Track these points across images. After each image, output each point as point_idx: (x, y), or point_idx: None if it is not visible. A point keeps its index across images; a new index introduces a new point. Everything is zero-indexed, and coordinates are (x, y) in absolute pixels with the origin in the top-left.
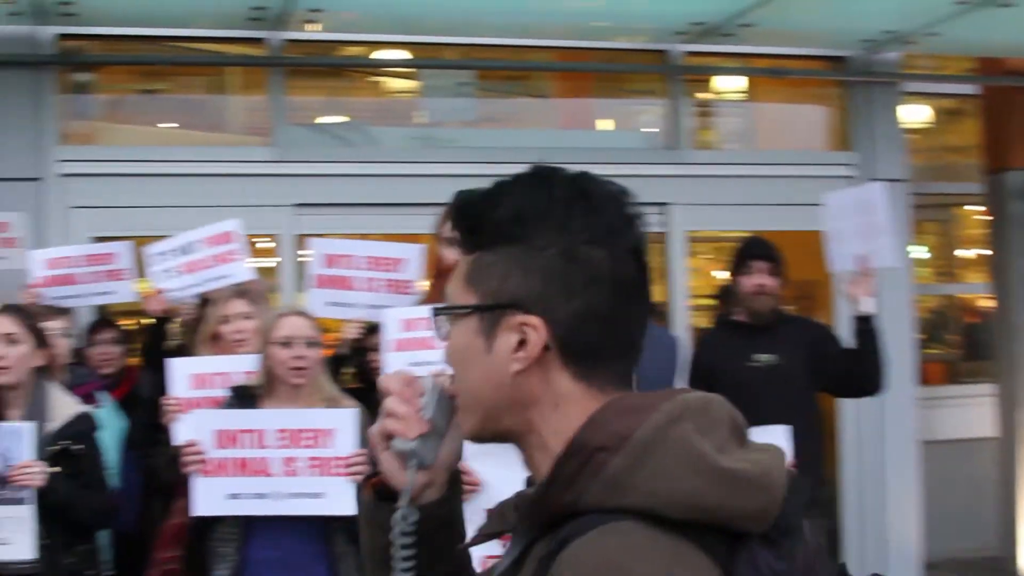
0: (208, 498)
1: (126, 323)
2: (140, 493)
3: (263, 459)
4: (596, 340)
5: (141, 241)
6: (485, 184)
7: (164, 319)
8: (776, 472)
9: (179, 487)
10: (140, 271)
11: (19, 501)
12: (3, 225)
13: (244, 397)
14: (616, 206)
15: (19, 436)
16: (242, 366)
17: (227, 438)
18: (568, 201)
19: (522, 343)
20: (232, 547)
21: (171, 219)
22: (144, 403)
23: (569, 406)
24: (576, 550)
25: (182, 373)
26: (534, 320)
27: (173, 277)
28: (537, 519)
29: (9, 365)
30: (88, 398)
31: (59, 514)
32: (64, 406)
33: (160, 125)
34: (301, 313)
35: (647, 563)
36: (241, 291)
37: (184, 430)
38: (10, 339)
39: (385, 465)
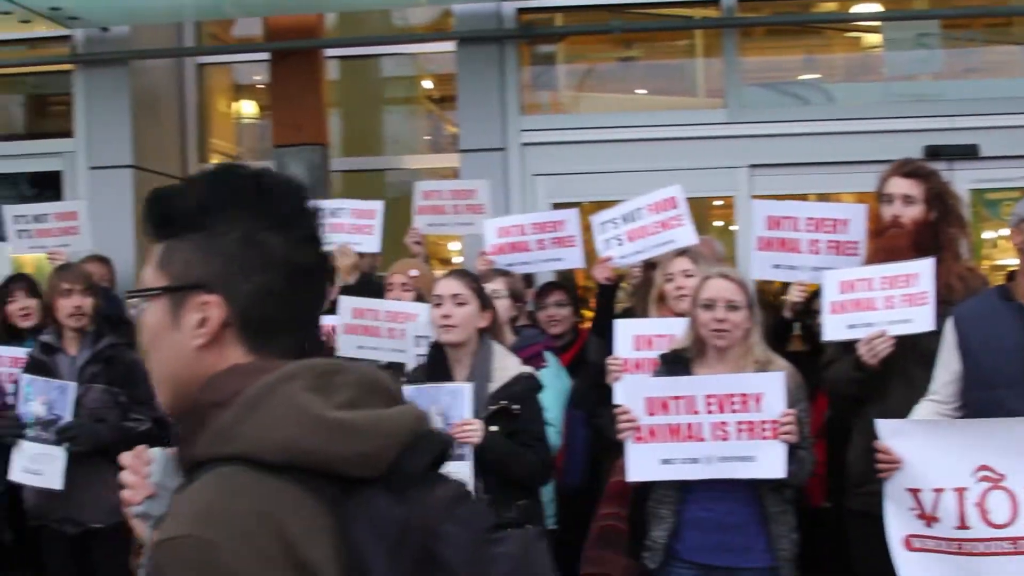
0: (641, 464)
1: (587, 285)
2: (587, 451)
3: (694, 424)
4: (270, 317)
5: (598, 206)
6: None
7: (612, 285)
8: (391, 425)
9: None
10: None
11: (460, 457)
12: (470, 192)
13: (675, 362)
14: (293, 198)
15: (459, 395)
16: (682, 327)
17: (658, 405)
18: (248, 193)
19: (204, 320)
20: (669, 509)
21: (626, 183)
22: (591, 365)
23: None
24: (181, 496)
25: (626, 334)
26: (214, 299)
27: (619, 245)
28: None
29: (456, 324)
30: (535, 358)
31: (497, 470)
32: (506, 367)
33: (620, 92)
34: (726, 276)
35: (244, 501)
36: (683, 249)
37: (619, 393)
38: (457, 300)
39: (136, 530)
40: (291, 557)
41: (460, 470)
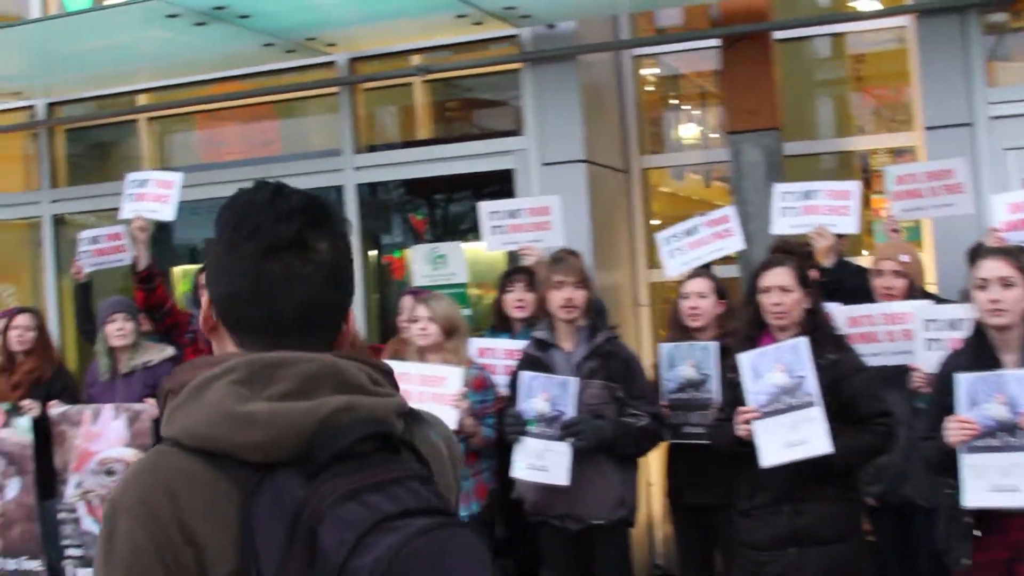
0: None
1: None
2: None
3: None
4: (240, 316)
5: None
6: None
7: None
8: (293, 416)
9: None
10: None
11: None
12: (947, 172)
13: None
14: (269, 209)
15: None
16: None
17: None
18: (240, 206)
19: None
20: None
21: None
22: None
23: None
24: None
25: None
26: (205, 298)
27: None
28: None
29: (1006, 308)
30: None
31: None
32: None
33: None
34: None
35: (154, 475)
36: None
37: None
38: (1004, 282)
39: None
40: (181, 527)
41: None
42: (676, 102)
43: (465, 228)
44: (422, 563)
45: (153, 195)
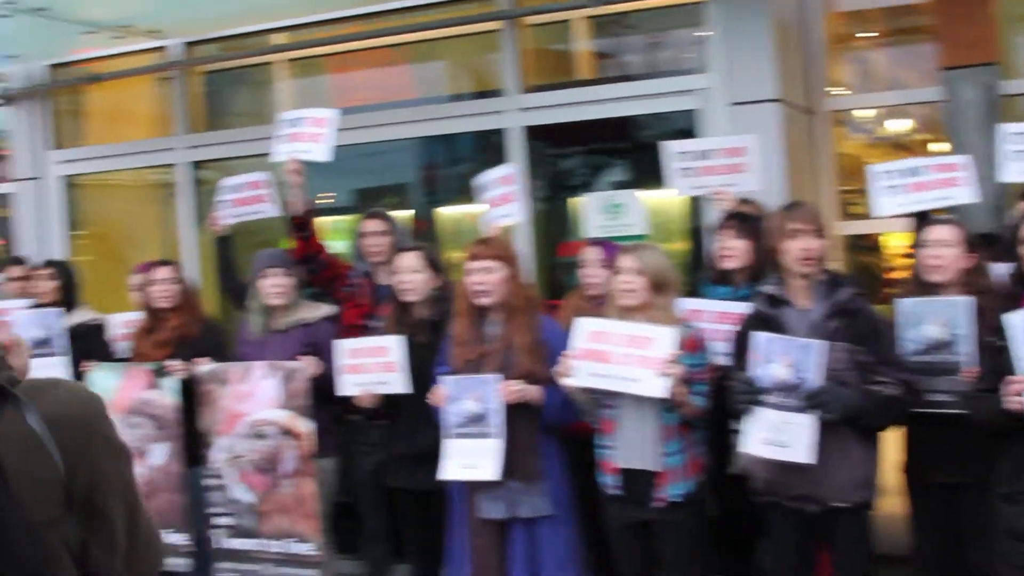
0: None
1: None
2: None
3: None
4: None
5: None
6: None
7: None
8: None
9: None
10: None
11: None
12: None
13: None
14: None
15: None
16: None
17: None
18: None
19: None
20: None
21: None
22: None
23: None
24: None
25: None
26: None
27: None
28: None
29: None
30: None
31: None
32: None
33: None
34: None
35: None
36: None
37: None
38: None
39: None
40: None
41: None
42: (869, 36)
43: (641, 176)
44: None
45: (307, 134)
